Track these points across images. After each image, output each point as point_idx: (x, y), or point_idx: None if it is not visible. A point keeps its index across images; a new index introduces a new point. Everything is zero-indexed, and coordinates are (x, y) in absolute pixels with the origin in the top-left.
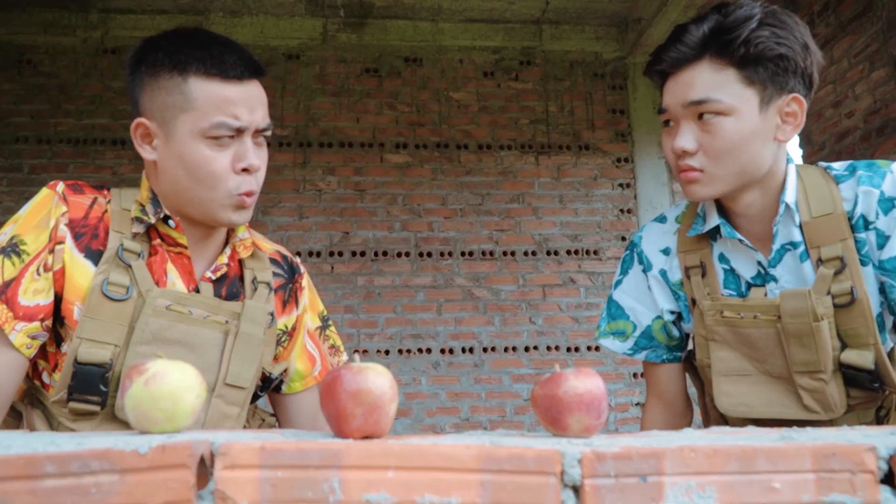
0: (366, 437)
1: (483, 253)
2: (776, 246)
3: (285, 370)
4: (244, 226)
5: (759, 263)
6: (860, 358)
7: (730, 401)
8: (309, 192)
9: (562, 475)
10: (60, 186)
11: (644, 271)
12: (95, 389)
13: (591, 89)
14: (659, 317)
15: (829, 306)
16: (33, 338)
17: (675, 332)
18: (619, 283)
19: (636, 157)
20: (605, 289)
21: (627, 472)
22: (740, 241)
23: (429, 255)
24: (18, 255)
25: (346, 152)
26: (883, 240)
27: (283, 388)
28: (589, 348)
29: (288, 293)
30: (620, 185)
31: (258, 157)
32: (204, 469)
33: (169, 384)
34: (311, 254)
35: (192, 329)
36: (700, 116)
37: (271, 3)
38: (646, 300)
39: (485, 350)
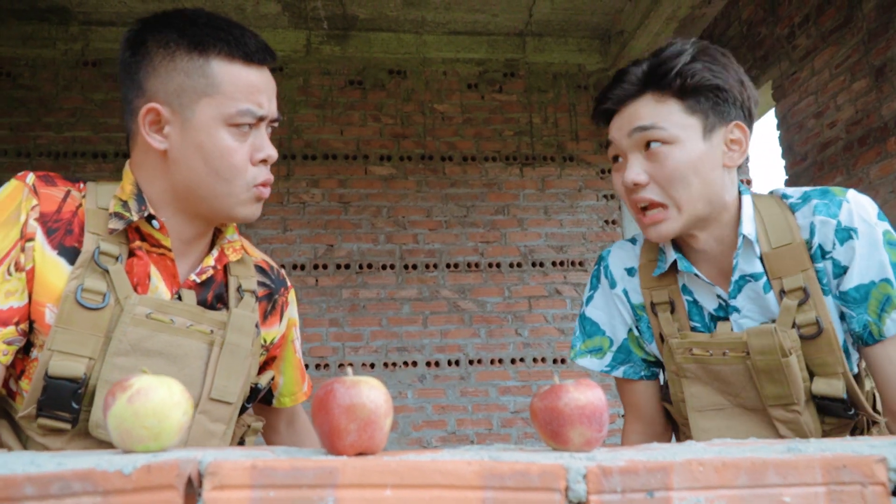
0: (360, 454)
1: (468, 265)
2: (735, 278)
3: (273, 379)
4: (233, 227)
5: (719, 297)
6: (829, 387)
7: (707, 436)
8: (293, 205)
9: (566, 491)
10: (30, 177)
11: (610, 287)
12: (67, 406)
13: (575, 101)
14: (631, 329)
15: (795, 339)
16: (9, 343)
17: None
18: (590, 299)
19: None
20: None
21: (634, 487)
22: (696, 276)
23: (414, 267)
24: None
25: (331, 164)
26: (840, 270)
27: (273, 401)
28: None
29: (272, 305)
30: (605, 196)
31: (272, 148)
32: (192, 490)
33: (154, 400)
34: (295, 267)
35: (175, 339)
36: (647, 147)
37: (254, 16)
38: (616, 314)
39: (471, 363)
